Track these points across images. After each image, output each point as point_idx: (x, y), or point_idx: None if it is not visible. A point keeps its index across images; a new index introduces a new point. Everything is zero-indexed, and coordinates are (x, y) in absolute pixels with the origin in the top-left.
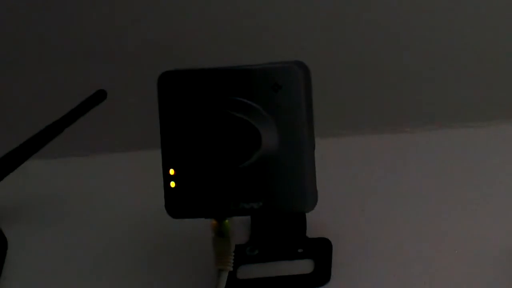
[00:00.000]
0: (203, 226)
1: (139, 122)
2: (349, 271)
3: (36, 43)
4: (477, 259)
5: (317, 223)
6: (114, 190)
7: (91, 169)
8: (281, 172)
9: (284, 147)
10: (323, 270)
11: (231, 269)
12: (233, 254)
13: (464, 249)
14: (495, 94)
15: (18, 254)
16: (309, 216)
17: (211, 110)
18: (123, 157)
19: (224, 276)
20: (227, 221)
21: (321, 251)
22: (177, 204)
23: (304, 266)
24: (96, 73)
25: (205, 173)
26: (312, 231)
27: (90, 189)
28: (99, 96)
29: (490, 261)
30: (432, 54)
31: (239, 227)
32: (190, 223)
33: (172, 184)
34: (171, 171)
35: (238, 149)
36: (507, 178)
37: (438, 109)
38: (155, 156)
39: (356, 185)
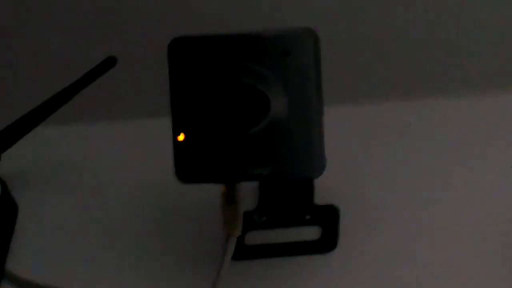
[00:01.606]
0: (212, 192)
1: (149, 90)
2: (356, 238)
3: (47, 10)
4: (483, 225)
5: (325, 189)
6: (124, 156)
7: (101, 136)
8: (290, 138)
9: (293, 113)
10: (330, 237)
11: (240, 234)
12: (241, 220)
13: (471, 215)
14: (501, 64)
15: (28, 220)
16: (317, 182)
17: (221, 75)
18: (133, 124)
19: (233, 242)
20: (236, 186)
21: (328, 218)
22: (186, 170)
23: (311, 233)
24: (105, 39)
25: (215, 138)
26: (320, 198)
27: (100, 156)
28: (109, 63)
29: (494, 226)
30: (436, 25)
31: (247, 194)
32: (198, 188)
33: (182, 149)
34: (181, 136)
35: (247, 114)
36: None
37: (444, 79)
38: (165, 123)
39: (365, 152)
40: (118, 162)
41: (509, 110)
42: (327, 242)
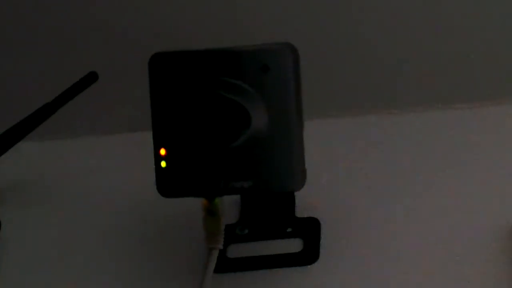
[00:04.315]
0: (194, 205)
1: (130, 104)
2: (337, 250)
3: (28, 25)
4: (467, 237)
5: (306, 202)
6: (106, 171)
7: (83, 151)
8: (271, 151)
9: (273, 127)
10: (312, 249)
11: (221, 247)
12: (223, 232)
13: (456, 227)
14: (479, 76)
15: (11, 235)
16: (298, 195)
17: (201, 90)
18: (114, 139)
19: (215, 255)
20: (217, 200)
21: (310, 231)
22: (168, 184)
23: (293, 245)
24: (87, 55)
25: (196, 152)
26: (301, 211)
27: (82, 170)
28: (91, 78)
29: (481, 236)
30: (420, 37)
31: (229, 207)
32: (181, 202)
33: (163, 163)
34: (162, 151)
35: (228, 129)
36: (492, 157)
37: (424, 91)
38: (147, 137)
39: (345, 165)
40: (100, 175)
41: (480, 121)
42: (309, 254)
